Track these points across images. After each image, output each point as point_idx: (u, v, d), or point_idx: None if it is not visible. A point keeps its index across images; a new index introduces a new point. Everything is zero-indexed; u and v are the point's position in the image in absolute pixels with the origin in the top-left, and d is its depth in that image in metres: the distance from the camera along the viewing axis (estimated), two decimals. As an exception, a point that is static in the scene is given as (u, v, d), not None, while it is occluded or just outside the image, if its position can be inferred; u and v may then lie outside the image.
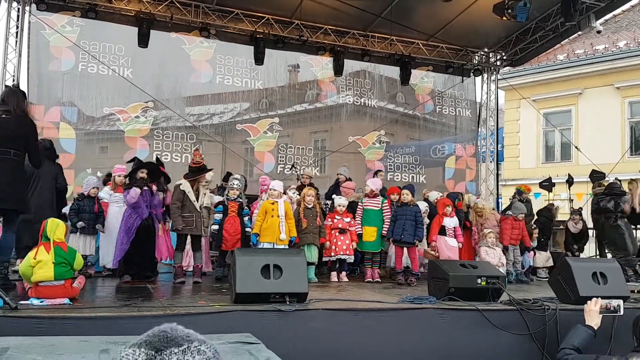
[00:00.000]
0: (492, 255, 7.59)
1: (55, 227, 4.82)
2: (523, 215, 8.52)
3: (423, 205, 8.07)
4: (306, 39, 11.77)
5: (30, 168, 5.68)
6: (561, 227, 10.20)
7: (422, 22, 11.66)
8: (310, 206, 7.41)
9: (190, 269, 7.26)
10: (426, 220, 8.04)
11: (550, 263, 8.91)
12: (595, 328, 3.76)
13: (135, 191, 6.41)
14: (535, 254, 8.95)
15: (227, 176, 8.75)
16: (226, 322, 4.24)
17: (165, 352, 1.07)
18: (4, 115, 5.13)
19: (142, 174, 6.69)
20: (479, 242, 8.12)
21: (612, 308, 3.96)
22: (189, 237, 6.86)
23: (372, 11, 10.93)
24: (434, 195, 8.88)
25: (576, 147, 14.85)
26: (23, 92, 5.51)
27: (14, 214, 5.27)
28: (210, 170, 7.45)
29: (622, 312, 3.88)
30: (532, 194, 11.13)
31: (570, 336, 3.74)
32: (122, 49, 11.10)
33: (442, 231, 7.65)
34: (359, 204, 7.89)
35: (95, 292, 5.70)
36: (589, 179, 10.97)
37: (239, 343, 3.35)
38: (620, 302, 3.94)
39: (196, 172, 7.03)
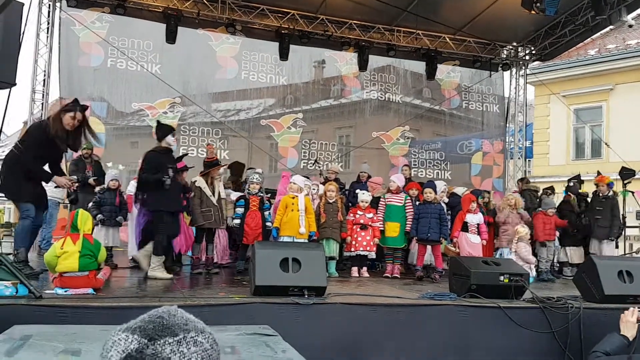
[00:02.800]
0: (525, 251, 7.52)
1: (85, 219, 4.92)
2: (553, 210, 8.41)
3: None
4: (331, 34, 11.76)
5: None
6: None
7: (448, 15, 11.52)
8: (331, 201, 7.41)
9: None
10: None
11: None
12: (631, 339, 3.71)
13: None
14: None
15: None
16: (245, 313, 4.29)
17: (158, 342, 0.98)
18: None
19: None
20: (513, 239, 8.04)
21: None
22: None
23: (397, 5, 10.83)
24: (460, 190, 8.80)
25: (606, 144, 14.52)
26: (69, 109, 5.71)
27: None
28: (223, 165, 7.56)
29: None
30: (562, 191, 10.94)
31: (604, 342, 3.72)
32: (150, 45, 11.27)
33: (465, 228, 7.58)
34: (382, 199, 7.86)
35: (119, 283, 5.81)
36: (618, 176, 10.72)
37: (256, 335, 3.37)
38: None
39: (209, 167, 7.13)
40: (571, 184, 9.65)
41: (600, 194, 8.85)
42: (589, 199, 9.32)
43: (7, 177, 5.59)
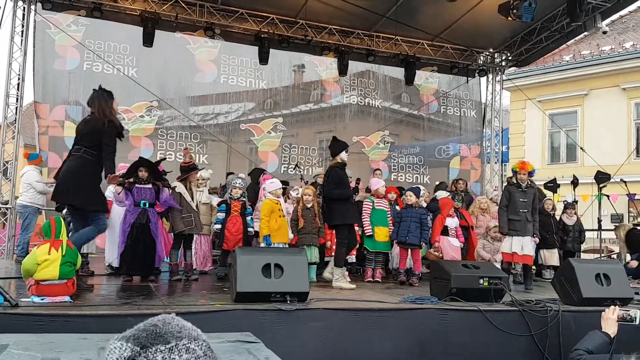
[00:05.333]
0: (489, 250, 7.79)
1: (62, 226, 4.80)
2: None
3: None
4: (311, 39, 11.77)
5: None
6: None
7: (427, 22, 11.63)
8: (309, 206, 7.34)
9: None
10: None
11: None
12: (612, 336, 3.76)
13: (124, 193, 6.42)
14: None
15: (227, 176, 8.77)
16: (226, 320, 4.24)
17: (150, 350, 1.00)
18: (88, 117, 5.65)
19: (142, 172, 6.66)
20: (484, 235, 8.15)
21: (628, 317, 3.94)
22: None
23: (376, 11, 10.91)
24: (441, 194, 8.83)
25: (581, 149, 14.78)
26: (107, 93, 5.64)
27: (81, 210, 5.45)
28: (201, 169, 7.49)
29: (638, 322, 3.86)
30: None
31: (586, 339, 3.76)
32: (127, 48, 11.14)
33: (445, 232, 7.63)
34: (366, 202, 7.84)
35: (96, 290, 5.71)
36: (594, 180, 10.92)
37: (239, 342, 3.34)
38: (638, 312, 3.91)
39: (186, 171, 7.05)
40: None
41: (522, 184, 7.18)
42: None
43: (90, 190, 5.35)
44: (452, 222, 7.66)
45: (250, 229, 7.13)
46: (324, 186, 6.76)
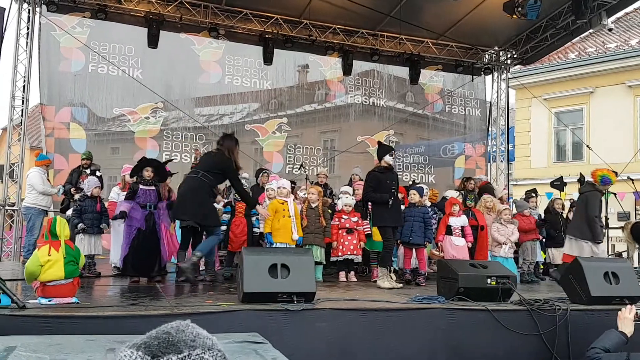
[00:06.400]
0: (503, 233, 7.69)
1: (63, 226, 4.80)
2: (529, 211, 8.48)
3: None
4: (315, 39, 11.76)
5: None
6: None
7: (431, 20, 11.60)
8: (314, 205, 7.33)
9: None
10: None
11: None
12: (629, 335, 3.74)
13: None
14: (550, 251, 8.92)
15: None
16: (233, 321, 4.23)
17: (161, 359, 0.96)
18: (213, 151, 6.59)
19: (148, 172, 6.66)
20: (494, 220, 8.11)
21: None
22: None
23: (381, 10, 10.89)
24: (450, 194, 8.80)
25: (587, 147, 14.69)
26: (236, 140, 6.61)
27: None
28: None
29: None
30: (544, 194, 11.05)
31: (603, 338, 3.75)
32: (131, 49, 11.16)
33: (449, 231, 7.59)
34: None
35: (103, 291, 5.71)
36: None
37: (246, 342, 3.33)
38: None
39: None
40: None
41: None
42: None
43: (211, 209, 6.34)
44: (457, 222, 7.62)
45: (255, 229, 7.12)
46: (364, 190, 6.98)
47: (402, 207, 7.97)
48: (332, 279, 7.40)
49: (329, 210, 7.79)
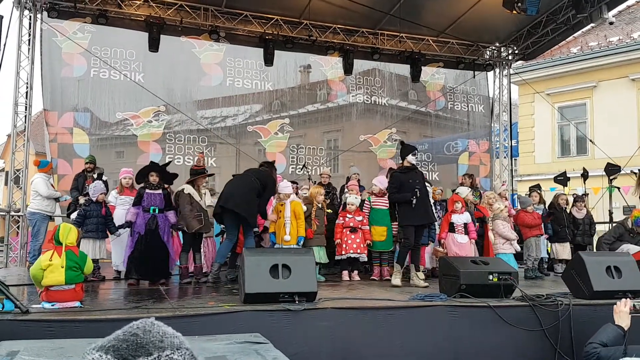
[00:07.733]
0: (503, 227, 7.75)
1: (67, 232, 4.83)
2: (532, 207, 8.48)
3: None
4: (315, 39, 11.77)
5: None
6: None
7: (431, 18, 11.59)
8: (320, 206, 7.40)
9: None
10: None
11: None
12: (626, 329, 3.74)
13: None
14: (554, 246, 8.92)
15: None
16: (235, 322, 4.25)
17: None
18: (261, 169, 7.16)
19: (153, 176, 6.72)
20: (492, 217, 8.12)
21: None
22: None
23: (380, 9, 10.89)
24: (464, 192, 8.73)
25: (591, 141, 14.66)
26: (275, 168, 7.49)
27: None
28: (211, 175, 7.57)
29: None
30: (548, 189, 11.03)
31: (600, 333, 3.75)
32: (133, 54, 11.20)
33: (451, 228, 7.59)
34: (366, 201, 7.85)
35: (106, 295, 5.75)
36: (604, 173, 10.82)
37: (247, 343, 3.35)
38: None
39: (195, 174, 7.12)
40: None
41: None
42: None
43: (256, 211, 6.75)
44: (459, 219, 7.62)
45: (255, 229, 7.16)
46: (388, 190, 7.09)
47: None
48: (335, 279, 7.41)
49: (329, 210, 7.84)
